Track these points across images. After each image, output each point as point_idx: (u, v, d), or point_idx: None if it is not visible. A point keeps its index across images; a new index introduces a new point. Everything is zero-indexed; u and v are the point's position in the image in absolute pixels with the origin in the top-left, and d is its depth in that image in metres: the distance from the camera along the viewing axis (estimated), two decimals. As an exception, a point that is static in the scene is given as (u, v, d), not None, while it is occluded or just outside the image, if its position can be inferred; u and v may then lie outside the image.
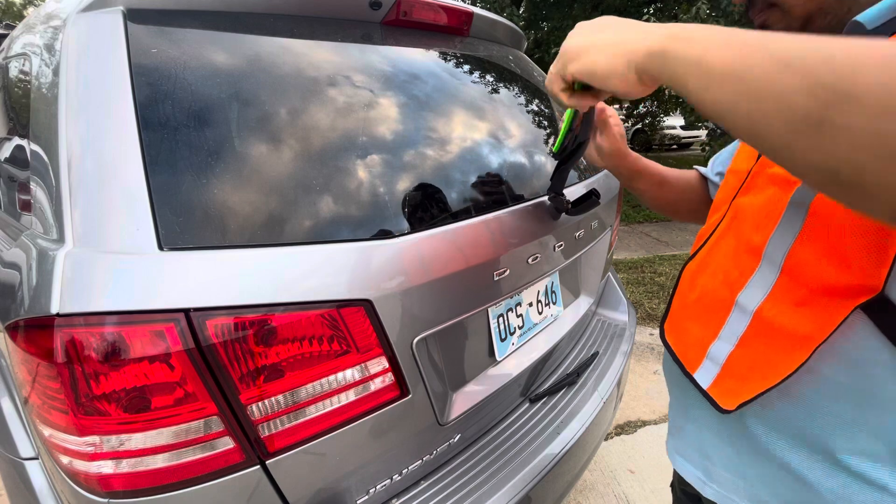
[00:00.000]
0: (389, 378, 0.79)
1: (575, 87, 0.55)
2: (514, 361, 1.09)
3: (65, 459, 0.63)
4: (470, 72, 1.19)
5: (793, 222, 0.50)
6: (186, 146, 0.68)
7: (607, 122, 0.84)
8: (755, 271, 0.53)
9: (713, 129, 6.50)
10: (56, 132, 0.68)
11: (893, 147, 0.28)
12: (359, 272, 0.73)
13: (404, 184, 0.86)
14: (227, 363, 0.63)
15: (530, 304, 1.15)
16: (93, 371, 0.57)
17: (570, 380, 1.26)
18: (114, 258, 0.60)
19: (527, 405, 1.18)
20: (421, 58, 1.10)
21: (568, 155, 0.84)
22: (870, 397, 0.47)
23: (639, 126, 11.34)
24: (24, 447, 0.87)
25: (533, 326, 1.16)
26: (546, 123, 1.33)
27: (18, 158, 0.92)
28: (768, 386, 0.52)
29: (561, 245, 1.11)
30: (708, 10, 4.70)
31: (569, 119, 0.76)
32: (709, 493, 0.64)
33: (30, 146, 0.80)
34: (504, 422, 1.12)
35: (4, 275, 0.76)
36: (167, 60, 0.73)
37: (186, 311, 0.60)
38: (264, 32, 0.86)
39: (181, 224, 0.64)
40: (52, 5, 0.90)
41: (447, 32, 1.22)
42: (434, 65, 1.11)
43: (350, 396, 0.75)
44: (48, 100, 0.74)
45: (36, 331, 0.60)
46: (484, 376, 1.03)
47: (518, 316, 1.11)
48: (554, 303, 1.24)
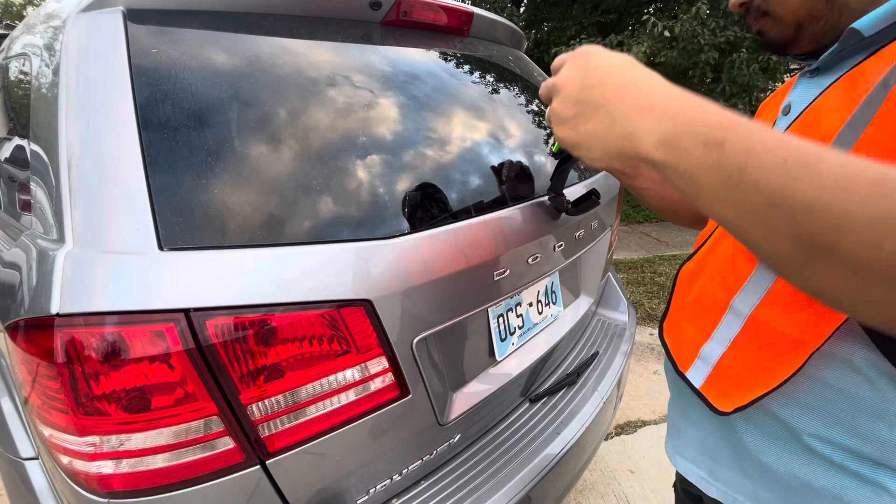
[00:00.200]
0: (389, 378, 0.79)
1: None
2: (514, 361, 1.09)
3: (65, 459, 0.63)
4: (470, 72, 1.19)
5: None
6: (186, 146, 0.68)
7: None
8: (751, 275, 0.54)
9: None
10: (56, 132, 0.68)
11: (876, 293, 0.31)
12: (359, 272, 0.73)
13: (404, 184, 0.86)
14: (227, 363, 0.63)
15: (530, 304, 1.14)
16: (93, 371, 0.57)
17: (570, 380, 1.26)
18: (114, 258, 0.60)
19: (527, 405, 1.18)
20: (421, 58, 1.10)
21: (568, 155, 0.84)
22: (863, 403, 0.47)
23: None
24: (24, 447, 0.87)
25: (533, 326, 1.16)
26: (546, 123, 1.32)
27: (18, 158, 0.92)
28: (765, 391, 0.52)
29: (561, 245, 1.11)
30: (708, 11, 4.70)
31: None
32: (713, 493, 0.64)
33: (30, 146, 0.80)
34: (504, 422, 1.12)
35: (4, 275, 0.76)
36: (167, 60, 0.73)
37: (186, 311, 0.60)
38: (264, 32, 0.86)
39: (181, 224, 0.64)
40: (52, 5, 0.90)
41: (447, 32, 1.22)
42: (434, 65, 1.11)
43: (350, 396, 0.75)
44: (48, 100, 0.74)
45: (36, 331, 0.60)
46: (484, 376, 1.03)
47: (518, 316, 1.11)
48: (554, 303, 1.24)
